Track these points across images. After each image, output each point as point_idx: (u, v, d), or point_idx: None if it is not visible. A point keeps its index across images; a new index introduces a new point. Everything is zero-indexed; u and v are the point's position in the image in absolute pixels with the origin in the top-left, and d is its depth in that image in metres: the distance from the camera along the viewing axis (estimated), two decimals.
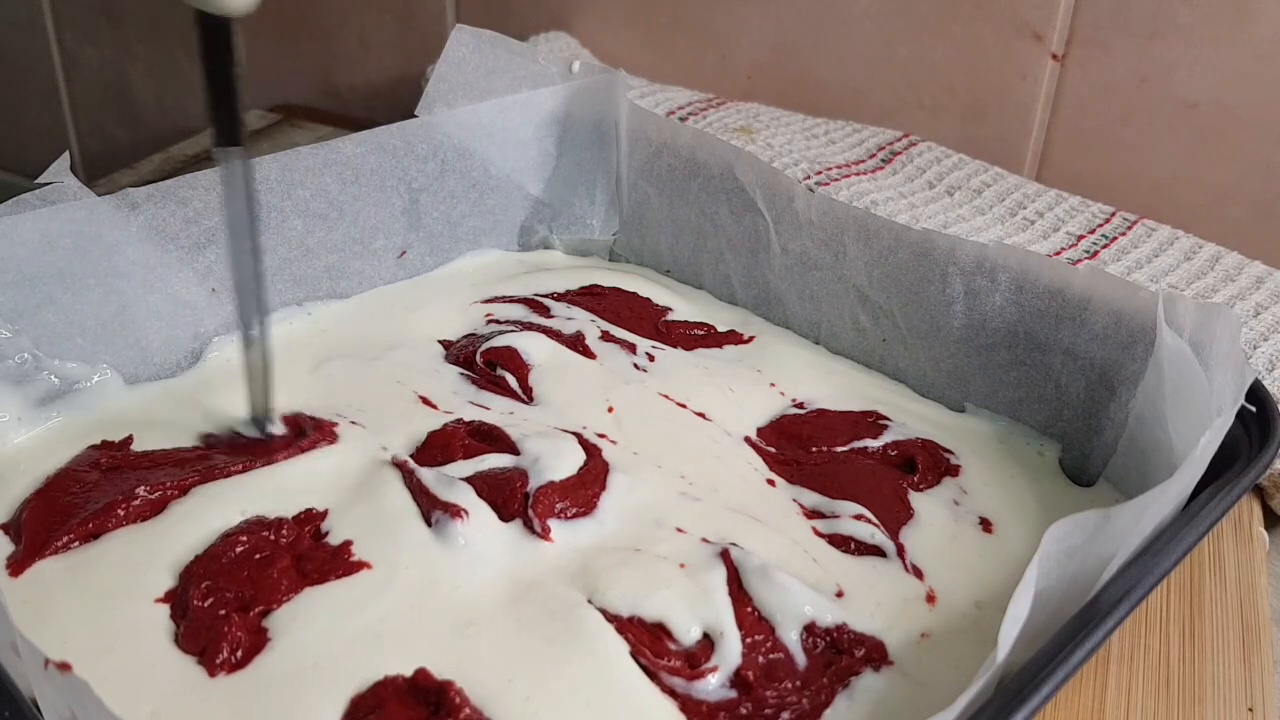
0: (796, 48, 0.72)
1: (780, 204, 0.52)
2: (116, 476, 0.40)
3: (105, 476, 0.40)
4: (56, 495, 0.39)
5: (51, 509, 0.39)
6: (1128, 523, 0.33)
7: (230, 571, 0.36)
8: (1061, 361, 0.45)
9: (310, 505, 0.40)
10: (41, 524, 0.38)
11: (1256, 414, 0.40)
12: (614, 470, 0.42)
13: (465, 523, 0.38)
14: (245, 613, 0.35)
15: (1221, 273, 0.54)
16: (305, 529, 0.38)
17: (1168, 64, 0.61)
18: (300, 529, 0.38)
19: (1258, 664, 0.39)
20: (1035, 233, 0.58)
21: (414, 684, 0.33)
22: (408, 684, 0.33)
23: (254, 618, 0.35)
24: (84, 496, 0.39)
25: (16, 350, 0.43)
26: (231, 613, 0.35)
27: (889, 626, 0.37)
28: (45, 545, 0.37)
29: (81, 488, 0.40)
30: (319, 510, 0.39)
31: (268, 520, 0.38)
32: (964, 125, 0.68)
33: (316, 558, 0.37)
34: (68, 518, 0.38)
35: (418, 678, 0.33)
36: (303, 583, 0.36)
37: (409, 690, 0.33)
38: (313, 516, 0.39)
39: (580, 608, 0.35)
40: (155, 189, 0.47)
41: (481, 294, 0.55)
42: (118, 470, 0.41)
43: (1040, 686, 0.29)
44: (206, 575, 0.36)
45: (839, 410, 0.47)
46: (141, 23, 0.98)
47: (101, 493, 0.39)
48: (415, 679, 0.33)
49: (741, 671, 0.34)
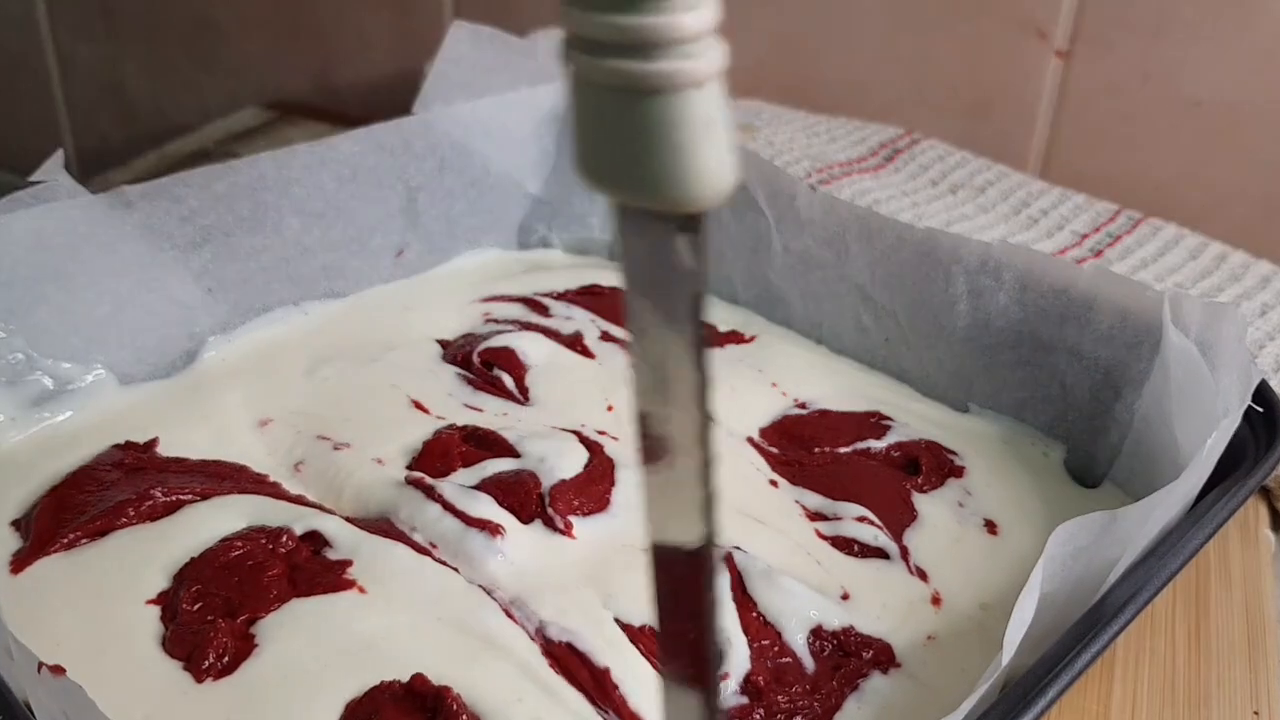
0: (798, 44, 0.72)
1: (782, 202, 0.51)
2: (138, 478, 0.40)
3: (126, 477, 0.40)
4: (71, 493, 0.39)
5: (63, 506, 0.38)
6: (1134, 525, 0.33)
7: (221, 576, 0.36)
8: (1066, 361, 0.44)
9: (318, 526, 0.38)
10: (50, 521, 0.38)
11: (1263, 415, 0.40)
12: (620, 467, 0.42)
13: (503, 538, 0.38)
14: (232, 618, 0.34)
15: (1227, 271, 0.54)
16: (306, 544, 0.38)
17: (1172, 62, 0.61)
18: (300, 543, 0.38)
19: (1264, 667, 0.38)
20: (1039, 231, 0.57)
21: (411, 689, 0.32)
22: (404, 689, 0.32)
23: (241, 624, 0.34)
24: (99, 495, 0.39)
25: (9, 350, 0.43)
26: (218, 618, 0.34)
27: (895, 629, 0.36)
28: (51, 542, 0.37)
29: (99, 486, 0.39)
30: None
31: (270, 529, 0.38)
32: (967, 123, 0.68)
33: (310, 569, 0.36)
34: (78, 515, 0.38)
35: (414, 683, 0.32)
36: (292, 593, 0.35)
37: (405, 696, 0.32)
38: (317, 535, 0.38)
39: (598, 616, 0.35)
40: (150, 187, 0.46)
41: (480, 293, 0.54)
42: (141, 471, 0.40)
43: (1045, 690, 0.29)
44: (198, 579, 0.36)
45: (841, 411, 0.47)
46: (137, 20, 0.97)
47: (118, 492, 0.39)
48: (412, 684, 0.32)
49: (752, 677, 0.34)
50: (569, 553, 0.38)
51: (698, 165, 0.19)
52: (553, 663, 0.34)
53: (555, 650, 0.34)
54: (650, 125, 0.18)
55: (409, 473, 0.41)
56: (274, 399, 0.46)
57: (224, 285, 0.49)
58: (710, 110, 0.19)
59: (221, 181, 0.48)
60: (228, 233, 0.48)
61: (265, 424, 0.44)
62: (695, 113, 0.18)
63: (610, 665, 0.33)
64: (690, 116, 0.18)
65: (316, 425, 0.44)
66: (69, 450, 0.42)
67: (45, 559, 0.37)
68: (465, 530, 0.38)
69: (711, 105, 0.19)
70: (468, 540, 0.37)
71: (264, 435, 0.44)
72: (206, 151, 0.77)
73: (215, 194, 0.48)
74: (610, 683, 0.33)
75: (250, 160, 0.49)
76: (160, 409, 0.45)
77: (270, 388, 0.46)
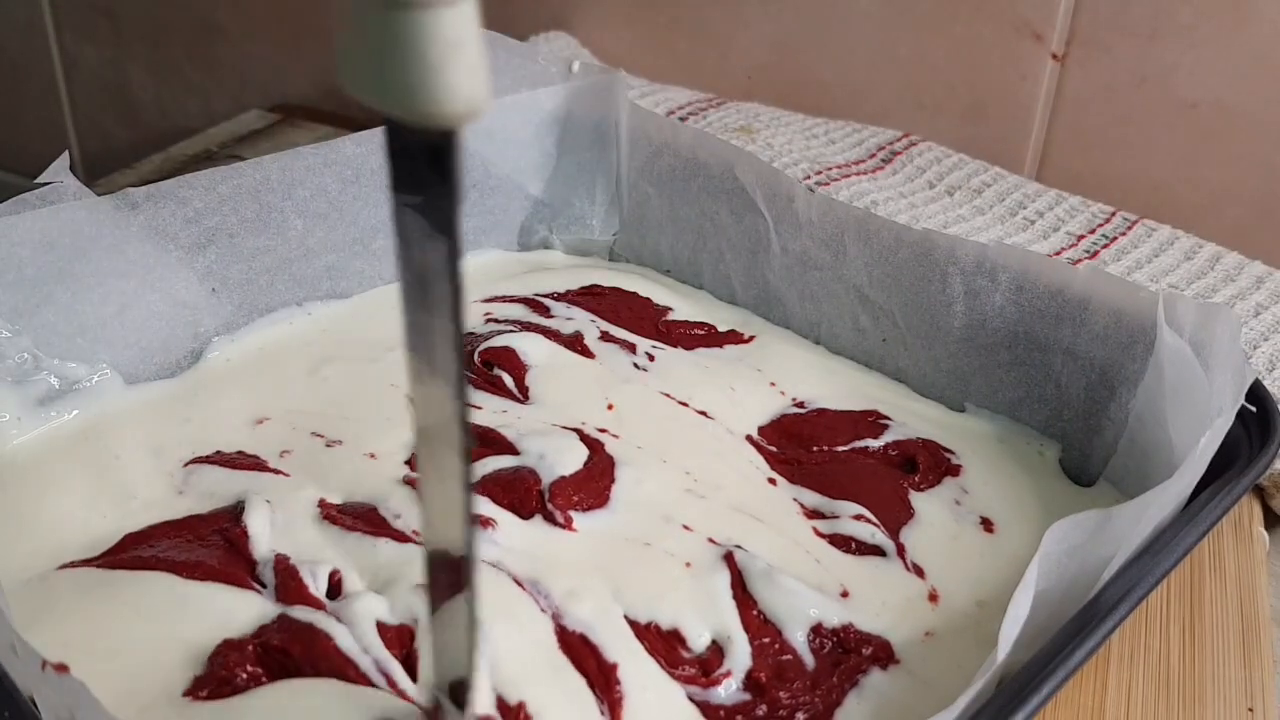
0: (796, 47, 0.72)
1: (780, 204, 0.52)
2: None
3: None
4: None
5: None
6: (1128, 523, 0.34)
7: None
8: (1062, 361, 0.45)
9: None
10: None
11: (1256, 414, 0.40)
12: (620, 464, 0.42)
13: (495, 530, 0.38)
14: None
15: (1221, 273, 0.54)
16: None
17: (1168, 64, 0.61)
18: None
19: (1258, 664, 0.39)
20: (1035, 232, 0.58)
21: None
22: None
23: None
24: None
25: (16, 350, 0.43)
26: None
27: (894, 626, 0.37)
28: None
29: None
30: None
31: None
32: (964, 125, 0.68)
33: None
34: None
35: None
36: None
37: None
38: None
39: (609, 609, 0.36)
40: (155, 189, 0.46)
41: (481, 293, 0.55)
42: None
43: (1040, 686, 0.29)
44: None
45: (839, 410, 0.47)
46: (141, 22, 0.98)
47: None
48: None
49: (754, 673, 0.34)
50: (569, 547, 0.38)
51: (445, 83, 0.19)
52: (563, 645, 0.34)
53: (569, 638, 0.35)
54: (403, 39, 0.19)
55: (409, 472, 0.41)
56: (274, 398, 0.46)
57: (228, 286, 0.49)
58: (460, 31, 0.19)
59: (226, 183, 0.48)
60: (232, 234, 0.49)
61: (261, 422, 0.45)
62: (445, 32, 0.19)
63: (619, 662, 0.34)
64: (440, 35, 0.19)
65: (312, 423, 0.44)
66: (71, 449, 0.42)
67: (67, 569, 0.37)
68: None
69: (462, 27, 0.19)
70: None
71: (256, 432, 0.44)
72: (211, 154, 0.77)
73: (220, 196, 0.48)
74: (615, 679, 0.33)
75: (254, 162, 0.49)
76: (164, 408, 0.45)
77: (271, 387, 0.47)
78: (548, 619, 0.35)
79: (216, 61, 0.95)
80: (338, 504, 0.40)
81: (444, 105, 0.20)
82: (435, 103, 0.20)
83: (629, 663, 0.34)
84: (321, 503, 0.40)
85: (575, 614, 0.35)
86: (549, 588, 0.36)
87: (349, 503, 0.40)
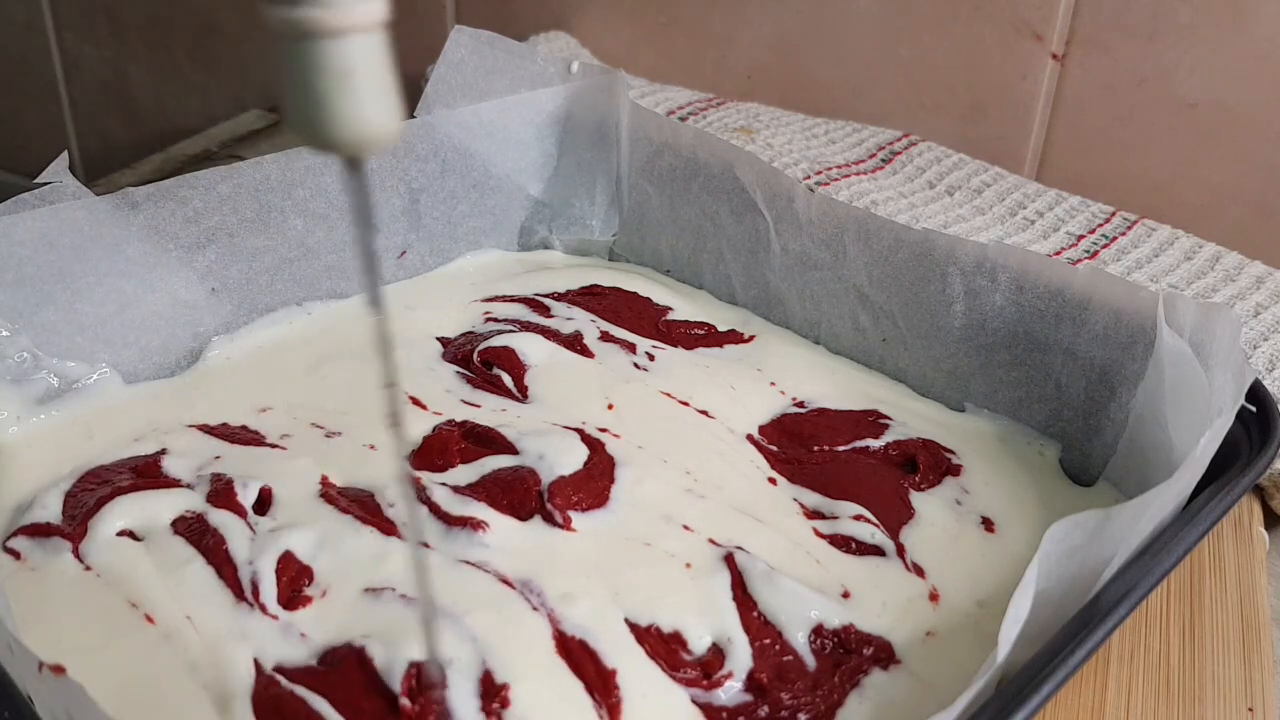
0: (796, 47, 0.72)
1: (780, 204, 0.52)
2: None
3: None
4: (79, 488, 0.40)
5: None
6: (1128, 523, 0.33)
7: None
8: (1061, 361, 0.45)
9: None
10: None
11: (1256, 414, 0.40)
12: (620, 464, 0.42)
13: (489, 532, 0.38)
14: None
15: (1222, 272, 0.54)
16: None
17: (1168, 64, 0.61)
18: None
19: (1258, 664, 0.39)
20: (1035, 232, 0.58)
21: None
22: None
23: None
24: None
25: (16, 349, 0.43)
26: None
27: (894, 626, 0.37)
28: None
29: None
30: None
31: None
32: (964, 125, 0.68)
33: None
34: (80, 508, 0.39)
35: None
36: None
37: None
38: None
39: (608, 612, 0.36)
40: (155, 188, 0.46)
41: (481, 293, 0.55)
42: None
43: (1040, 686, 0.29)
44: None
45: (839, 409, 0.47)
46: (141, 22, 0.98)
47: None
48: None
49: (755, 674, 0.34)
50: (569, 547, 0.38)
51: (332, 113, 0.20)
52: (561, 650, 0.34)
53: (568, 643, 0.35)
54: (292, 69, 0.20)
55: (410, 471, 0.41)
56: (275, 394, 0.46)
57: (228, 285, 0.49)
58: (349, 61, 0.19)
59: (226, 183, 0.48)
60: (232, 234, 0.49)
61: (264, 411, 0.45)
62: (332, 62, 0.19)
63: (618, 668, 0.34)
64: (327, 65, 0.19)
65: (311, 415, 0.45)
66: (70, 449, 0.42)
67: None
68: (448, 530, 0.38)
69: (352, 57, 0.20)
70: (450, 538, 0.38)
71: (258, 418, 0.45)
72: (210, 153, 0.77)
73: (220, 195, 0.48)
74: (614, 684, 0.33)
75: (254, 162, 0.49)
76: (164, 407, 0.45)
77: (271, 385, 0.47)
78: (544, 620, 0.35)
79: (216, 61, 0.95)
80: (339, 485, 0.41)
81: (333, 133, 0.20)
82: (325, 131, 0.20)
83: (628, 668, 0.34)
84: (324, 480, 0.41)
85: (573, 617, 0.35)
86: (547, 588, 0.36)
87: (349, 486, 0.41)
